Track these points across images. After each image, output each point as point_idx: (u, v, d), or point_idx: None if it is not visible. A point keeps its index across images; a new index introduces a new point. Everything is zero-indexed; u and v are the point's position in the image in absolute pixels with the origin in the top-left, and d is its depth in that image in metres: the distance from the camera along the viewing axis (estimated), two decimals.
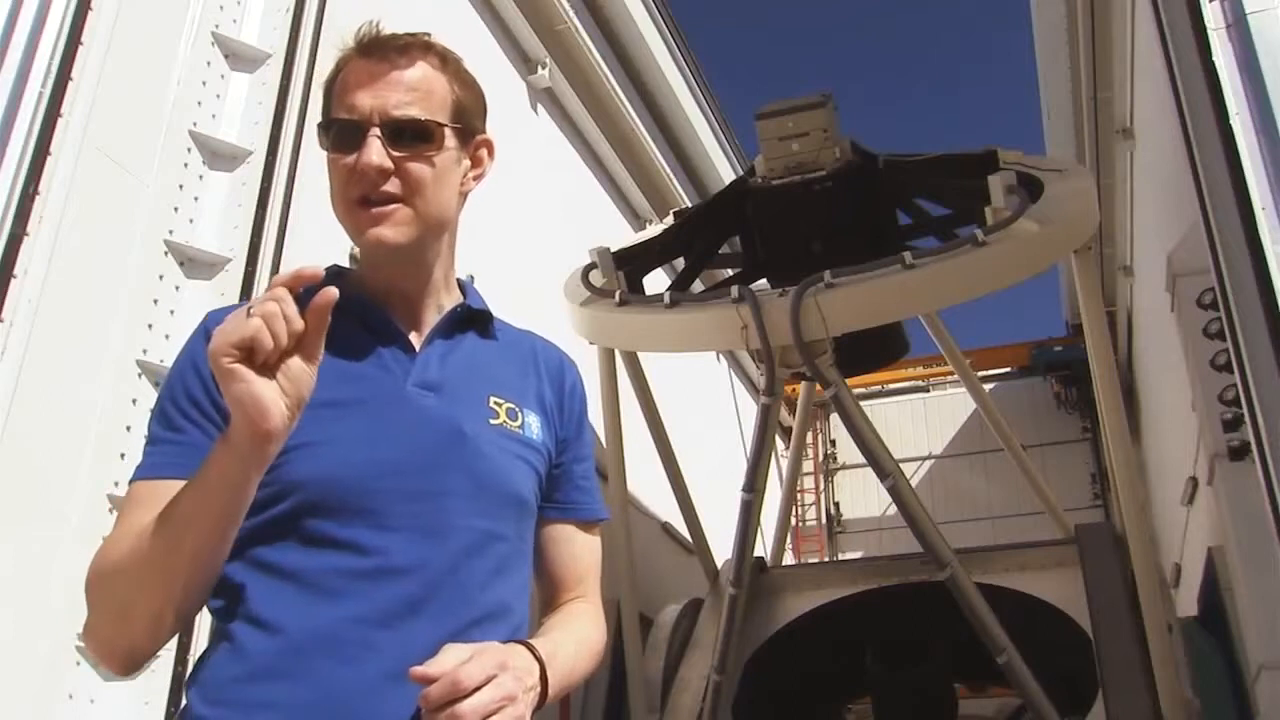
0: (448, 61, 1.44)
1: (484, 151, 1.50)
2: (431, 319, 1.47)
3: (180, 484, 1.27)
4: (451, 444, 1.35)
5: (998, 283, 3.86)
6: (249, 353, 1.12)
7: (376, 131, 1.36)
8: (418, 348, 1.42)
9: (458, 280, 1.54)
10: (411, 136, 1.37)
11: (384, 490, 1.29)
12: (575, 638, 1.43)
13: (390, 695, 1.21)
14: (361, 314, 1.42)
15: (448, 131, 1.41)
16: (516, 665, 1.21)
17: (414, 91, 1.39)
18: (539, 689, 1.24)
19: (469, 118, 1.46)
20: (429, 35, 1.45)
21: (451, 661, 1.15)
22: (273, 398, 1.13)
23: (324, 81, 1.46)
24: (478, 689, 1.14)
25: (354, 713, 1.20)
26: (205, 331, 1.39)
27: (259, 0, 3.55)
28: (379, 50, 1.40)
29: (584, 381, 1.63)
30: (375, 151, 1.35)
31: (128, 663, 1.29)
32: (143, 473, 1.32)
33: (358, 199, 1.37)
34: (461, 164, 1.45)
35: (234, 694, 1.22)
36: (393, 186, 1.36)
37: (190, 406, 1.33)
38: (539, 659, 1.26)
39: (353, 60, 1.41)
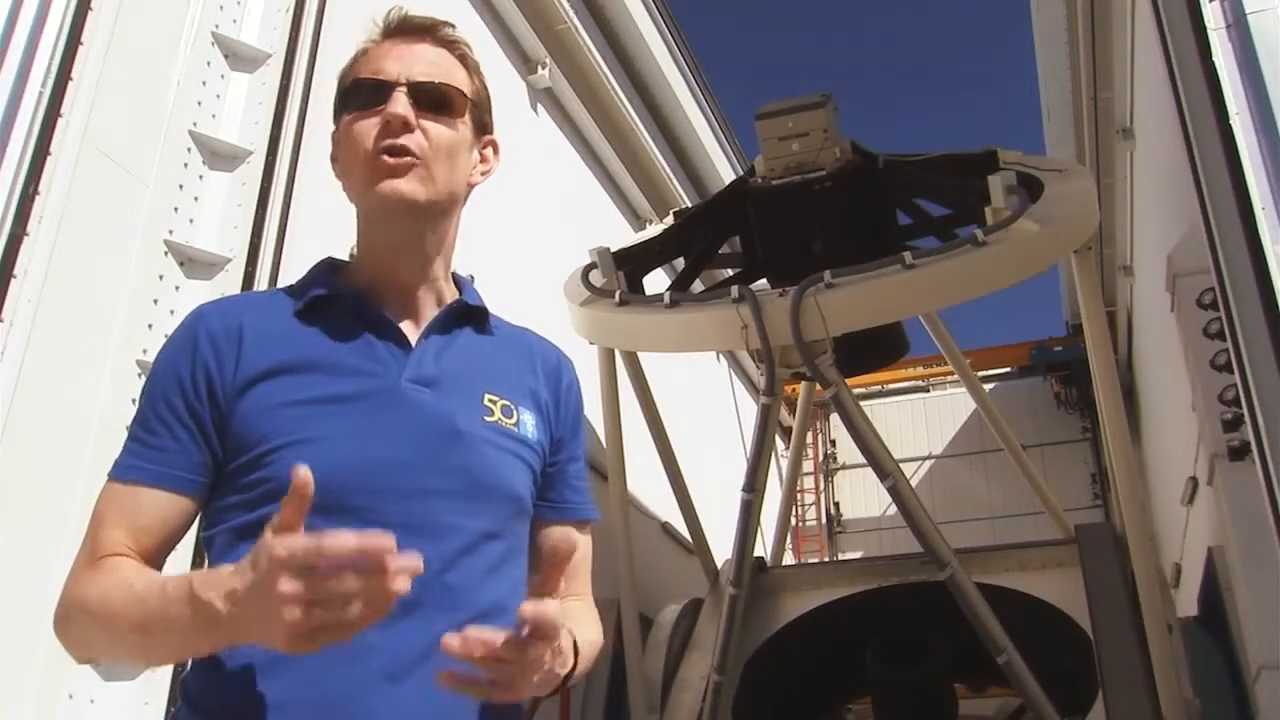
0: (467, 59, 1.48)
1: (490, 150, 1.52)
2: (428, 314, 1.46)
3: (147, 491, 1.30)
4: (445, 442, 1.34)
5: (998, 283, 3.85)
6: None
7: (403, 89, 1.38)
8: (413, 342, 1.42)
9: (454, 275, 1.54)
10: (435, 101, 1.40)
11: (376, 489, 1.28)
12: (582, 639, 1.43)
13: (383, 694, 1.21)
14: (357, 307, 1.42)
15: (468, 109, 1.44)
16: (564, 646, 1.23)
17: (439, 67, 1.43)
18: (562, 676, 1.26)
19: (482, 110, 1.49)
20: (452, 25, 1.48)
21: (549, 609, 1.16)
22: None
23: (341, 69, 1.49)
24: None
25: (347, 712, 1.20)
26: (192, 331, 1.38)
27: (259, 0, 3.55)
28: (405, 30, 1.44)
29: (581, 380, 1.63)
30: (401, 104, 1.37)
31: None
32: (115, 472, 1.34)
33: (378, 155, 1.37)
34: (473, 152, 1.48)
35: (227, 694, 1.22)
36: (413, 144, 1.38)
37: (166, 411, 1.33)
38: (576, 652, 1.30)
39: (377, 41, 1.45)
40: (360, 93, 1.41)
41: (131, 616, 1.17)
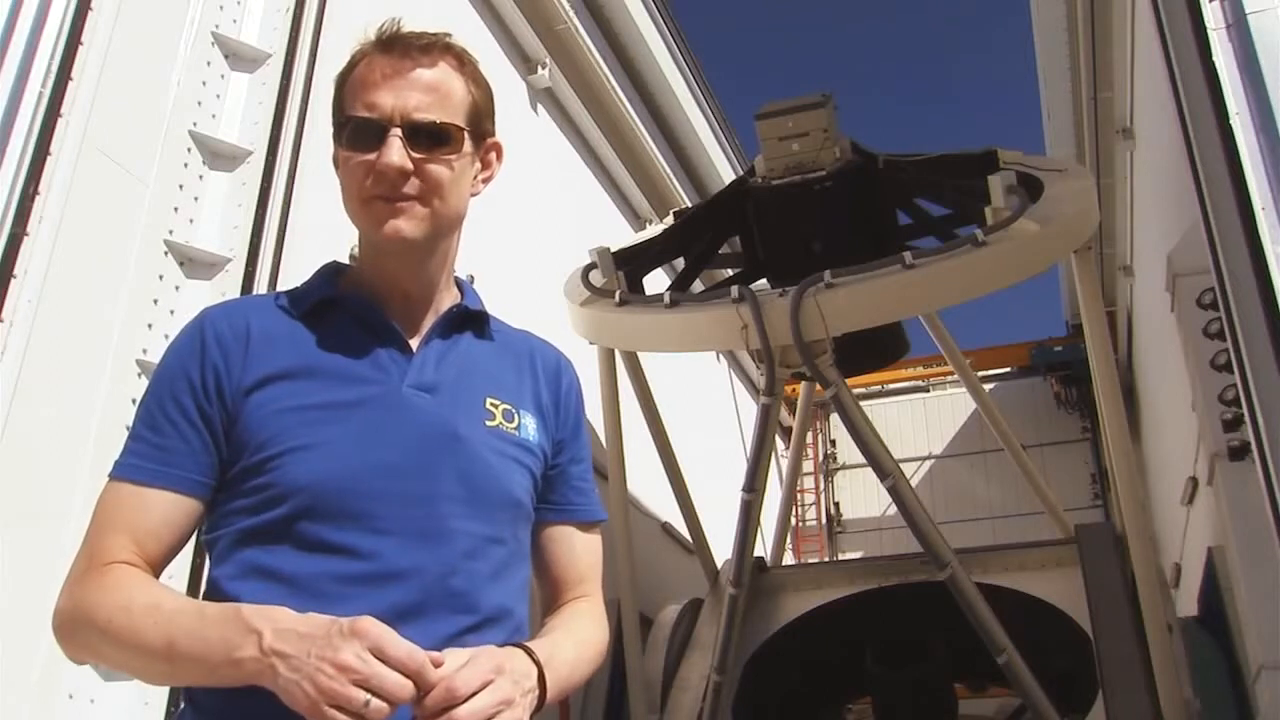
0: (465, 63, 1.44)
1: (493, 155, 1.50)
2: (430, 319, 1.46)
3: (154, 492, 1.29)
4: (446, 447, 1.34)
5: (998, 283, 3.85)
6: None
7: (397, 132, 1.35)
8: (415, 348, 1.42)
9: (455, 280, 1.54)
10: (431, 139, 1.37)
11: (379, 493, 1.28)
12: (575, 639, 1.42)
13: None
14: (360, 313, 1.42)
15: (465, 135, 1.41)
16: (514, 669, 1.20)
17: (434, 92, 1.38)
18: (537, 692, 1.24)
19: (483, 120, 1.46)
20: (449, 35, 1.45)
21: (450, 666, 1.14)
22: None
23: (337, 75, 1.45)
24: (474, 694, 1.13)
25: None
26: (200, 332, 1.38)
27: (259, 0, 3.55)
28: (401, 47, 1.39)
29: (582, 382, 1.62)
30: (396, 152, 1.34)
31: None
32: (118, 471, 1.33)
33: (375, 197, 1.36)
34: (474, 166, 1.46)
35: (229, 697, 1.21)
36: (411, 188, 1.36)
37: (176, 411, 1.33)
38: (536, 662, 1.26)
39: (372, 55, 1.40)
40: (353, 126, 1.38)
41: (157, 637, 1.17)
